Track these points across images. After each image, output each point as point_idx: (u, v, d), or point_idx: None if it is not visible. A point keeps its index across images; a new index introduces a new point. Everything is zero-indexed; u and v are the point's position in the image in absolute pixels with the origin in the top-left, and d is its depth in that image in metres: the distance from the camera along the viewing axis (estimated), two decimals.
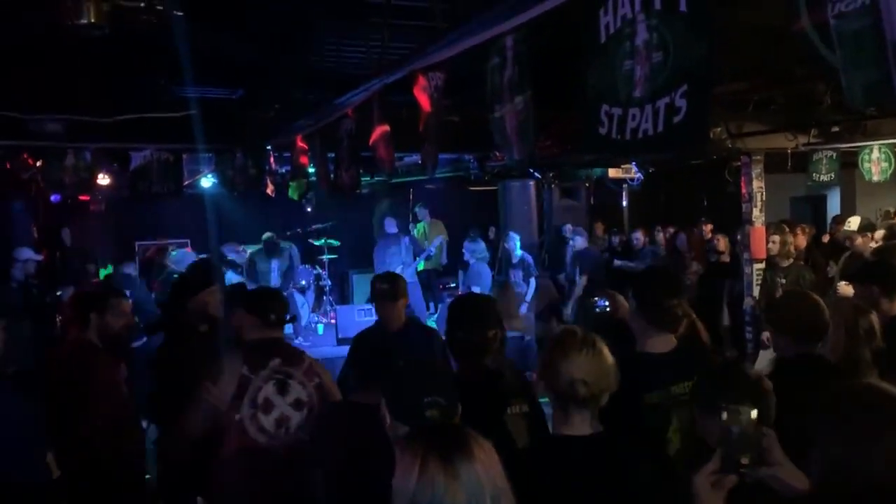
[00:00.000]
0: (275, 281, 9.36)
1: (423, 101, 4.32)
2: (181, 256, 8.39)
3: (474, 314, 2.85)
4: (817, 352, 2.92)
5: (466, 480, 1.53)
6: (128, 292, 6.92)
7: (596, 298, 6.23)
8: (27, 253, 7.55)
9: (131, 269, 8.22)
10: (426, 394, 2.02)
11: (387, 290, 4.02)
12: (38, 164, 7.84)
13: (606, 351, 2.19)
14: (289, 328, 10.08)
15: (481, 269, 8.96)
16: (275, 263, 9.45)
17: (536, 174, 10.90)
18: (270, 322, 3.28)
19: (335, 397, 3.28)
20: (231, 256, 9.11)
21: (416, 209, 11.72)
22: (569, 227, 10.18)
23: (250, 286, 8.33)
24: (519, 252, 9.30)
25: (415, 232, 11.53)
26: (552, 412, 2.25)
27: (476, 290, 9.07)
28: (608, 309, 3.77)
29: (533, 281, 9.30)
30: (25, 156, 7.84)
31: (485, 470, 1.56)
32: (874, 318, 3.29)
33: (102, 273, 10.15)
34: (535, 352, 9.23)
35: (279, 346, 3.31)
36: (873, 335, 3.23)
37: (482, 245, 9.30)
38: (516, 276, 9.32)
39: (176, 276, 9.16)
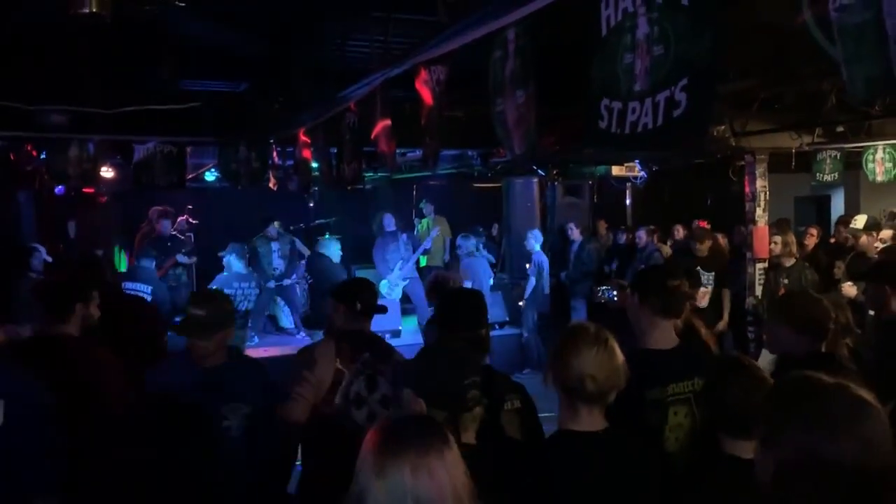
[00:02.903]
0: (276, 262, 9.40)
1: (425, 94, 4.31)
2: (327, 243, 8.42)
3: (466, 314, 2.83)
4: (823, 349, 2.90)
5: (391, 483, 1.49)
6: (149, 288, 6.93)
7: (603, 288, 6.26)
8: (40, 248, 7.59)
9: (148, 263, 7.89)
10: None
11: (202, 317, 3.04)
12: (43, 155, 7.85)
13: (618, 348, 2.18)
14: (289, 322, 10.11)
15: (472, 264, 8.94)
16: (275, 246, 9.47)
17: (540, 171, 10.88)
18: (357, 311, 3.31)
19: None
20: None
21: (422, 205, 11.74)
22: (571, 225, 10.17)
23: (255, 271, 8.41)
24: (537, 248, 9.42)
25: (419, 227, 11.52)
26: (559, 407, 2.23)
27: (468, 284, 9.06)
28: (615, 299, 3.76)
29: (532, 280, 9.30)
30: (29, 147, 7.83)
31: (415, 478, 1.49)
32: (849, 313, 3.31)
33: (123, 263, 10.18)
34: (533, 349, 9.24)
35: (368, 338, 3.32)
36: (850, 331, 3.25)
37: (472, 241, 9.29)
38: (531, 272, 9.44)
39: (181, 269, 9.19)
